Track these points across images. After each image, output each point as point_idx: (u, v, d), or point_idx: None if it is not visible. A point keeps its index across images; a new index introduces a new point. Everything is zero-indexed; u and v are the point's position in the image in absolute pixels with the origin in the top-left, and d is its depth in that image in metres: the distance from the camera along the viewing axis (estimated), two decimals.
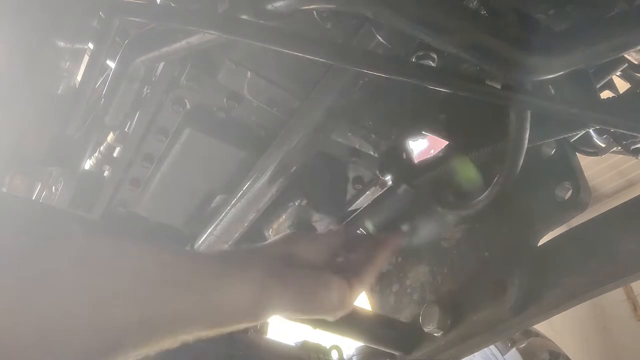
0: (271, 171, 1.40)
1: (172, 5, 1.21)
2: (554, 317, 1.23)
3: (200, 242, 1.66)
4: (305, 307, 0.82)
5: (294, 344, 2.29)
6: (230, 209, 1.53)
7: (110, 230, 1.51)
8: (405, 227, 1.70)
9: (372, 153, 1.57)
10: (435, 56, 1.12)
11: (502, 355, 2.63)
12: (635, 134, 1.29)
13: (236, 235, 1.60)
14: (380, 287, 1.76)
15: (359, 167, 1.61)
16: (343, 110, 1.29)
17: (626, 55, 1.26)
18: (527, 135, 1.07)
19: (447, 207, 1.47)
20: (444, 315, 1.36)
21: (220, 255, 0.79)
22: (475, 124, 1.48)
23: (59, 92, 1.50)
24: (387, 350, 1.51)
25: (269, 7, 1.02)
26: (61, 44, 1.38)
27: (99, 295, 0.60)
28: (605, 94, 1.36)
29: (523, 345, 2.63)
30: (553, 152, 1.29)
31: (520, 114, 1.05)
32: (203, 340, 2.10)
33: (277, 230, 1.56)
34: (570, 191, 1.21)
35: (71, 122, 1.47)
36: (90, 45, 1.41)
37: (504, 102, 0.98)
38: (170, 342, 0.68)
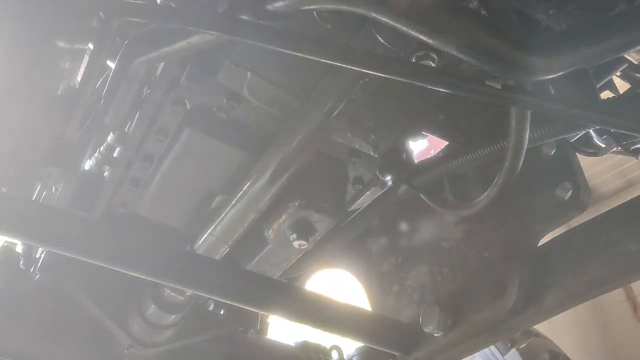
0: (271, 171, 1.40)
1: (172, 5, 1.21)
2: (554, 317, 1.23)
3: (200, 242, 1.66)
4: None
5: (294, 344, 2.29)
6: (230, 209, 1.53)
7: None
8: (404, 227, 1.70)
9: (372, 153, 1.57)
10: (435, 56, 1.12)
11: (502, 355, 2.63)
12: (635, 134, 1.29)
13: (236, 235, 1.60)
14: (381, 288, 1.76)
15: (359, 167, 1.61)
16: (343, 111, 1.29)
17: (626, 55, 1.26)
18: (527, 135, 1.07)
19: (447, 207, 1.48)
20: (444, 316, 1.36)
21: None
22: (475, 124, 1.48)
23: (59, 92, 1.50)
24: (387, 351, 1.51)
25: (269, 7, 1.02)
26: (61, 44, 1.37)
27: None
28: (605, 94, 1.36)
29: (523, 345, 2.63)
30: (553, 152, 1.29)
31: (520, 114, 1.05)
32: (204, 341, 2.11)
33: (277, 230, 1.56)
34: (570, 191, 1.21)
35: (71, 122, 1.47)
36: (90, 46, 1.41)
37: (504, 102, 0.98)
38: None
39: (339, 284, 2.33)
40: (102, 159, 1.60)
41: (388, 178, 1.57)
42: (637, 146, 1.39)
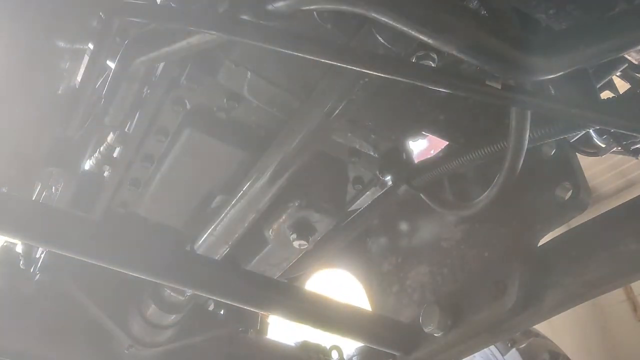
0: (271, 171, 1.40)
1: (172, 5, 1.21)
2: (554, 317, 1.23)
3: (200, 242, 1.66)
4: None
5: (294, 344, 2.29)
6: (230, 209, 1.53)
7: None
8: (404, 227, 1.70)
9: (372, 153, 1.57)
10: (435, 56, 1.12)
11: (502, 355, 2.63)
12: (635, 134, 1.29)
13: (236, 235, 1.60)
14: (381, 288, 1.76)
15: (359, 167, 1.61)
16: (343, 111, 1.29)
17: (626, 55, 1.26)
18: (527, 135, 1.07)
19: (447, 207, 1.48)
20: (444, 316, 1.36)
21: None
22: (475, 124, 1.48)
23: (59, 92, 1.50)
24: (387, 351, 1.51)
25: (269, 7, 1.02)
26: (61, 44, 1.37)
27: None
28: (606, 94, 1.36)
29: (523, 345, 2.63)
30: (553, 152, 1.29)
31: (520, 114, 1.05)
32: (204, 341, 2.11)
33: (277, 230, 1.56)
34: (570, 191, 1.21)
35: (71, 122, 1.47)
36: (90, 45, 1.41)
37: (504, 102, 0.98)
38: None
39: (339, 284, 2.33)
40: (102, 159, 1.60)
41: (388, 178, 1.57)
42: (637, 146, 1.39)
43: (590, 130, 1.34)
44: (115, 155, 1.60)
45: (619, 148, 1.39)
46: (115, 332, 1.85)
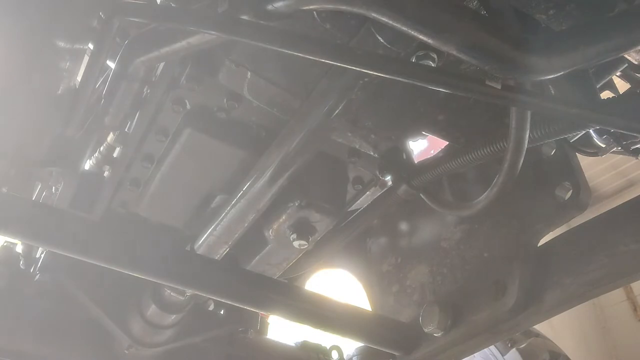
0: (271, 171, 1.40)
1: (172, 5, 1.21)
2: (554, 317, 1.23)
3: (200, 242, 1.66)
4: None
5: (294, 344, 2.29)
6: (231, 209, 1.53)
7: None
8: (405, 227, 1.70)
9: (372, 153, 1.57)
10: (435, 56, 1.12)
11: (502, 355, 2.63)
12: (635, 134, 1.29)
13: (236, 235, 1.60)
14: (381, 288, 1.76)
15: (359, 167, 1.61)
16: (343, 111, 1.29)
17: (626, 56, 1.26)
18: (527, 136, 1.07)
19: (447, 207, 1.48)
20: (444, 316, 1.36)
21: None
22: (475, 124, 1.48)
23: (59, 92, 1.50)
24: (387, 351, 1.51)
25: (269, 7, 1.02)
26: (61, 44, 1.37)
27: None
28: (606, 94, 1.36)
29: (523, 345, 2.63)
30: (553, 152, 1.29)
31: (520, 114, 1.05)
32: (204, 341, 2.10)
33: (277, 230, 1.56)
34: (570, 191, 1.21)
35: (71, 122, 1.47)
36: (90, 46, 1.41)
37: (504, 102, 0.98)
38: None
39: (339, 284, 2.33)
40: (102, 159, 1.60)
41: (388, 178, 1.57)
42: (637, 146, 1.39)
43: (590, 130, 1.34)
44: (115, 155, 1.60)
45: (619, 148, 1.39)
46: (115, 332, 1.85)
